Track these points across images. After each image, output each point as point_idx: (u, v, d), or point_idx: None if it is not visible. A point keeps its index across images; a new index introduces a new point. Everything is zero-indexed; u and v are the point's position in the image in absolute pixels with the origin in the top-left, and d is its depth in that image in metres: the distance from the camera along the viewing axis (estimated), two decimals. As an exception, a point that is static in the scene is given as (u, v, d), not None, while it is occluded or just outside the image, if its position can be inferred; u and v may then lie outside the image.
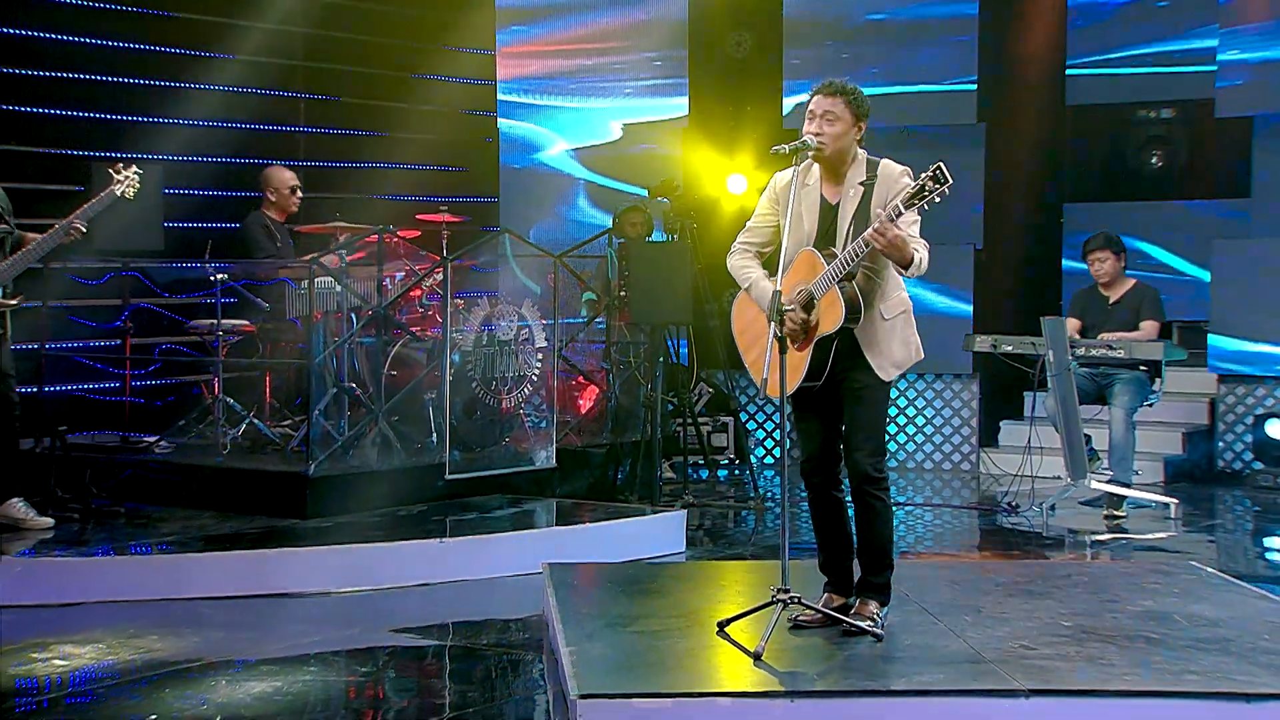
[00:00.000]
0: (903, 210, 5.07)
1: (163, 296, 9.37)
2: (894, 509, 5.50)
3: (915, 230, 5.21)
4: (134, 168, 7.43)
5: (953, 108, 10.79)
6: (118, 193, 7.35)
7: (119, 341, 9.04)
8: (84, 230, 7.23)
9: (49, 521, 7.43)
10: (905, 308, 5.38)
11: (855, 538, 5.49)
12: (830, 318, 5.23)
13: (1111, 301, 9.05)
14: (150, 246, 8.80)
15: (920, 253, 5.16)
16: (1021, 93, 11.21)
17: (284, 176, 9.18)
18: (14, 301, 7.24)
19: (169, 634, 6.10)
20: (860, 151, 5.38)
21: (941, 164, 5.05)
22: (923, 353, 5.47)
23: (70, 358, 8.95)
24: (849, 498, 5.46)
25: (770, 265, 5.40)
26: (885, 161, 5.36)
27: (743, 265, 5.49)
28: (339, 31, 11.13)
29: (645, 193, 10.32)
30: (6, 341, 7.33)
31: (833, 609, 5.43)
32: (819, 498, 5.50)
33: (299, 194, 9.17)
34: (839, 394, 5.35)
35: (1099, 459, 8.84)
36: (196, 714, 5.10)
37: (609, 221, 10.49)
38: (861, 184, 5.31)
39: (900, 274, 5.23)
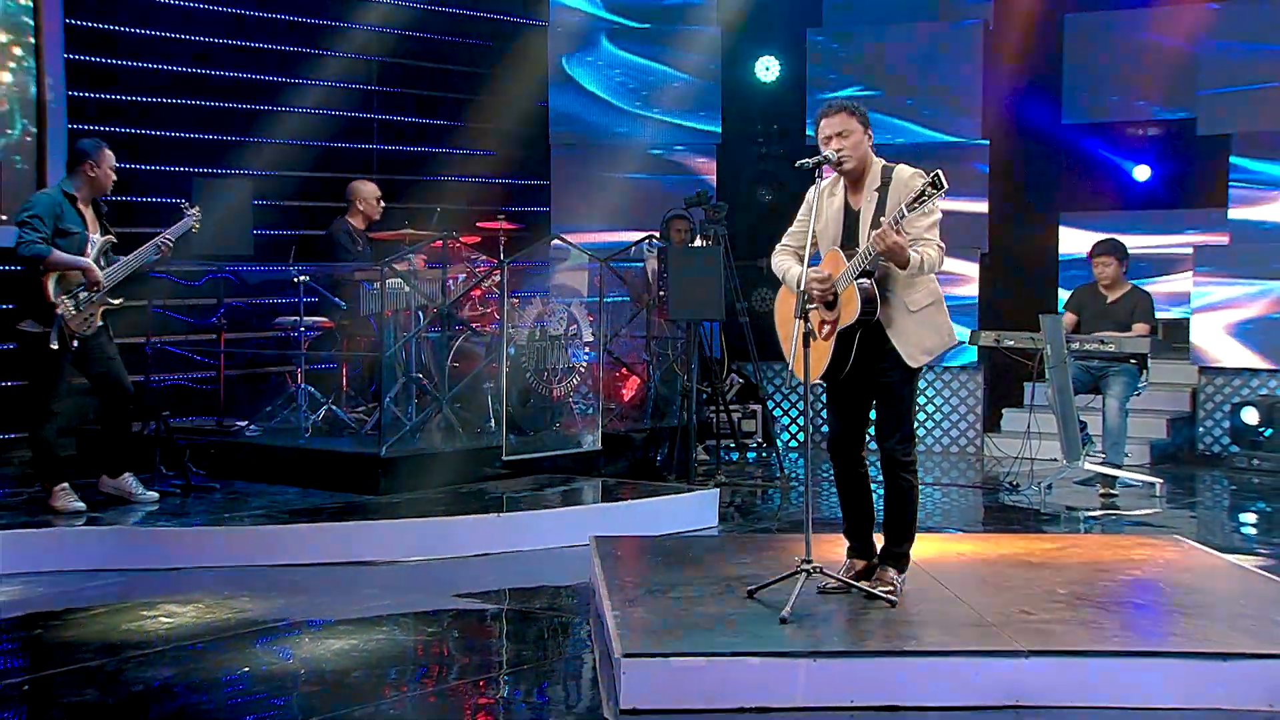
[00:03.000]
0: (906, 214, 5.06)
1: (252, 296, 9.43)
2: (920, 489, 5.49)
3: (934, 233, 5.20)
4: (197, 208, 7.56)
5: (960, 125, 10.79)
6: (189, 225, 7.48)
7: (214, 336, 9.10)
8: (172, 245, 7.34)
9: (154, 495, 7.50)
10: (935, 298, 5.32)
11: (880, 510, 5.49)
12: (849, 310, 5.23)
13: (1109, 301, 9.00)
14: (241, 252, 8.86)
15: (919, 253, 5.11)
16: (1020, 112, 11.17)
17: (371, 189, 9.29)
18: (117, 302, 7.31)
19: (259, 596, 6.16)
20: (876, 159, 5.37)
21: (939, 171, 5.05)
22: (956, 337, 5.45)
23: (172, 351, 9.01)
24: (874, 472, 5.46)
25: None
26: (899, 166, 5.34)
27: (783, 262, 5.49)
28: (408, 59, 11.18)
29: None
30: (109, 335, 7.36)
31: (856, 573, 5.44)
32: (843, 472, 5.50)
33: (382, 203, 9.27)
34: (869, 383, 5.35)
35: (1093, 443, 8.80)
36: (283, 667, 5.14)
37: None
38: (877, 190, 5.31)
39: (899, 274, 5.20)
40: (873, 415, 5.50)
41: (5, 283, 8.34)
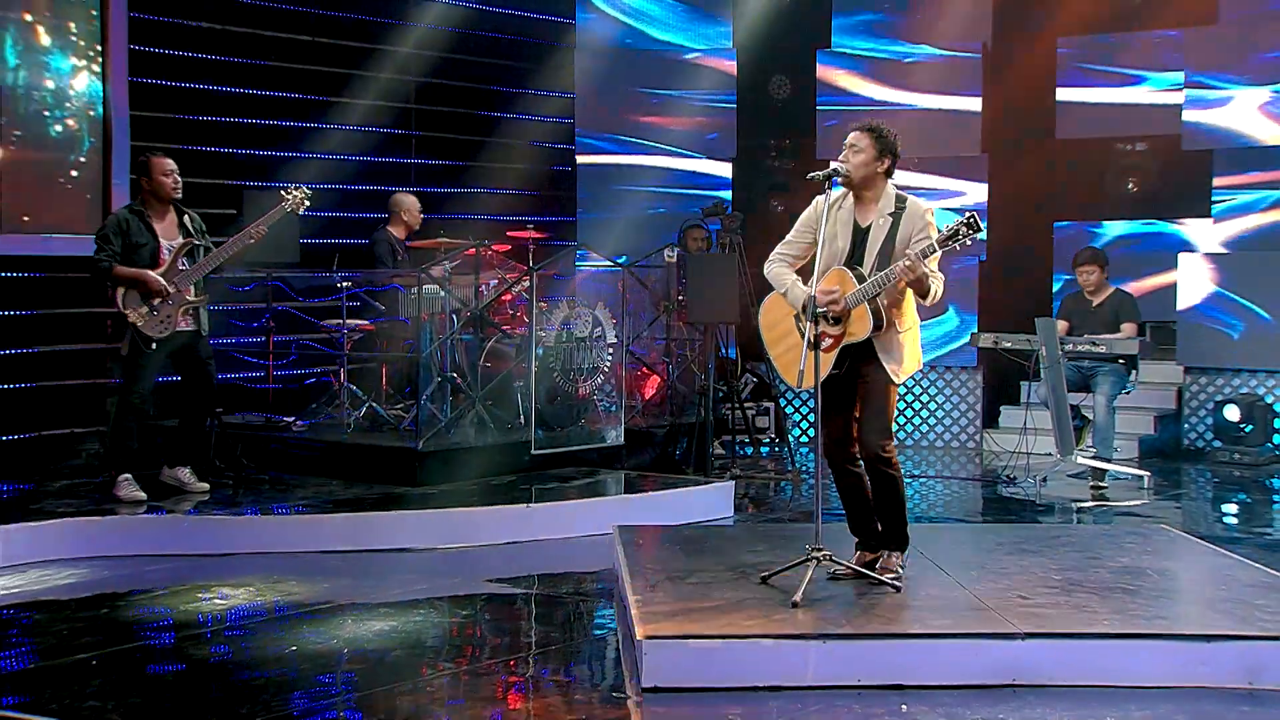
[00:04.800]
0: (937, 249, 5.08)
1: (299, 301, 9.46)
2: (904, 477, 5.51)
3: (935, 265, 5.22)
4: (304, 189, 7.54)
5: (961, 141, 10.79)
6: (286, 209, 7.46)
7: (263, 338, 9.14)
8: (265, 232, 7.33)
9: (206, 486, 7.54)
10: (915, 325, 5.40)
11: (874, 503, 5.50)
12: (860, 327, 5.25)
13: (1095, 305, 9.01)
14: (289, 259, 8.89)
15: (935, 285, 5.17)
16: (1018, 128, 11.16)
17: (413, 202, 9.32)
18: (200, 299, 7.36)
19: (305, 580, 6.19)
20: (890, 185, 5.36)
21: (975, 214, 5.08)
22: (923, 364, 5.50)
23: (225, 351, 9.06)
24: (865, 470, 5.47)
25: (804, 275, 5.43)
26: (912, 198, 5.34)
27: (780, 273, 5.49)
28: (444, 79, 11.22)
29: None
30: (203, 335, 7.45)
31: (863, 563, 5.45)
32: (840, 473, 5.51)
33: (422, 215, 9.31)
34: (854, 388, 5.36)
35: (1089, 424, 8.80)
36: (328, 647, 5.16)
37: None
38: (890, 214, 5.30)
39: (920, 302, 5.25)
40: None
41: (71, 288, 8.45)
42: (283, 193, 7.52)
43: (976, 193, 10.65)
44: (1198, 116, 10.24)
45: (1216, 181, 10.32)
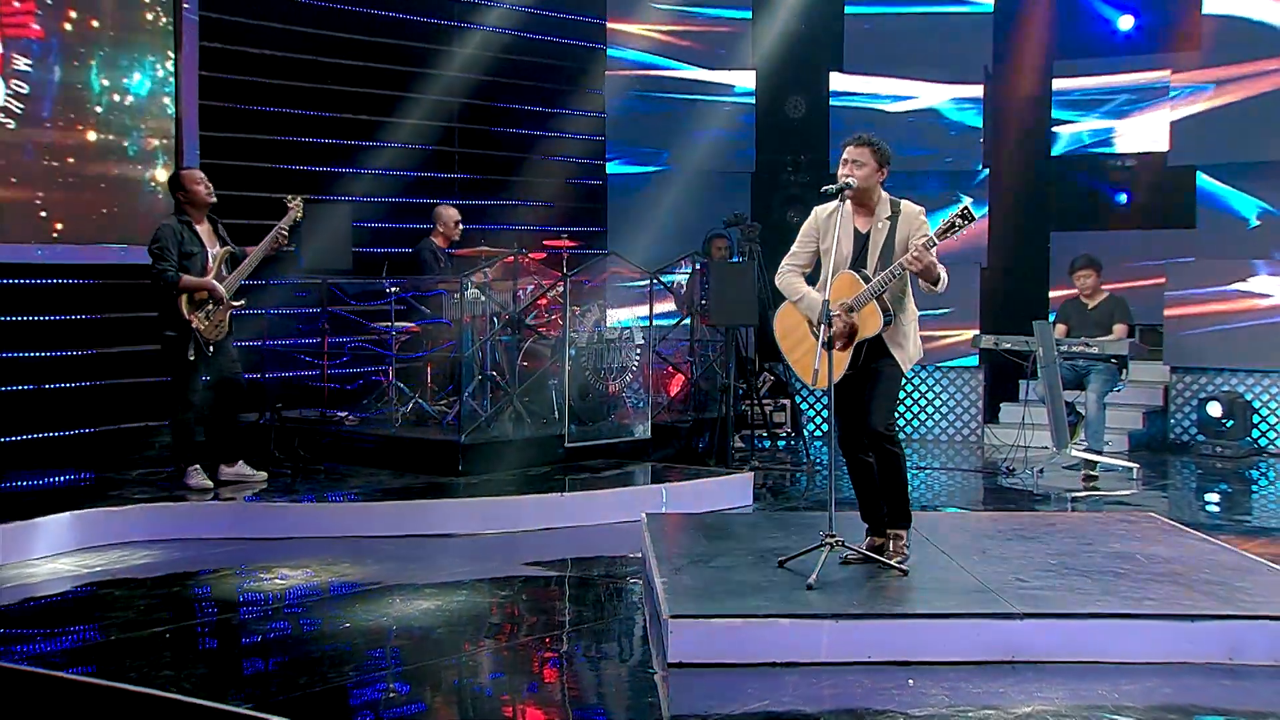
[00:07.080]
0: (936, 241, 5.07)
1: (351, 304, 9.51)
2: (909, 468, 5.48)
3: (934, 256, 5.21)
4: (299, 199, 7.59)
5: (964, 155, 10.76)
6: (294, 215, 7.52)
7: (319, 339, 9.19)
8: (286, 234, 7.41)
9: (265, 475, 7.57)
10: (916, 316, 5.40)
11: (879, 482, 5.48)
12: (871, 324, 5.24)
13: (1090, 308, 8.97)
14: (342, 266, 8.92)
15: (942, 273, 5.17)
16: (1016, 145, 11.13)
17: (452, 214, 9.34)
18: (239, 303, 7.41)
19: (357, 563, 6.22)
20: (884, 192, 5.37)
21: (969, 204, 5.06)
22: (923, 353, 5.50)
23: (284, 351, 9.11)
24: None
25: (813, 282, 5.44)
26: (905, 202, 5.35)
27: (792, 282, 5.48)
28: (485, 100, 11.25)
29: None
30: (230, 336, 7.49)
31: (873, 548, 5.44)
32: (854, 462, 5.49)
33: (460, 226, 9.33)
34: (867, 381, 5.35)
35: (1082, 419, 8.77)
36: (378, 624, 5.19)
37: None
38: (887, 219, 5.31)
39: (930, 290, 5.23)
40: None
41: (144, 294, 8.51)
42: (287, 201, 7.58)
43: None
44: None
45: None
